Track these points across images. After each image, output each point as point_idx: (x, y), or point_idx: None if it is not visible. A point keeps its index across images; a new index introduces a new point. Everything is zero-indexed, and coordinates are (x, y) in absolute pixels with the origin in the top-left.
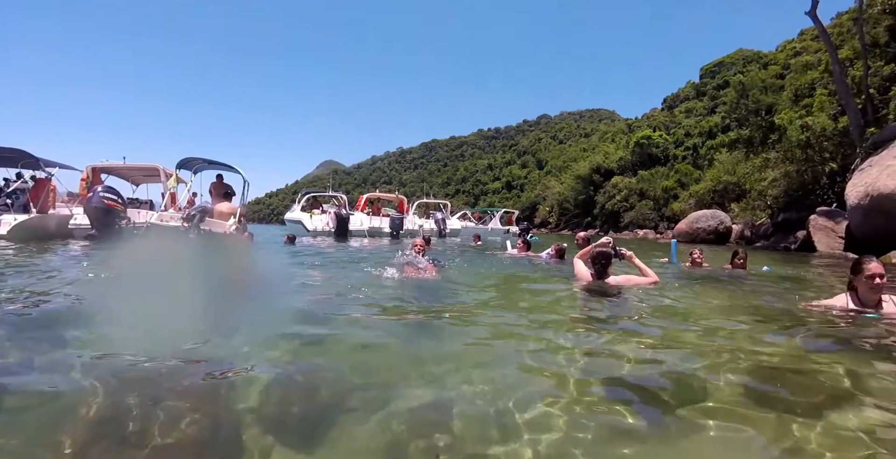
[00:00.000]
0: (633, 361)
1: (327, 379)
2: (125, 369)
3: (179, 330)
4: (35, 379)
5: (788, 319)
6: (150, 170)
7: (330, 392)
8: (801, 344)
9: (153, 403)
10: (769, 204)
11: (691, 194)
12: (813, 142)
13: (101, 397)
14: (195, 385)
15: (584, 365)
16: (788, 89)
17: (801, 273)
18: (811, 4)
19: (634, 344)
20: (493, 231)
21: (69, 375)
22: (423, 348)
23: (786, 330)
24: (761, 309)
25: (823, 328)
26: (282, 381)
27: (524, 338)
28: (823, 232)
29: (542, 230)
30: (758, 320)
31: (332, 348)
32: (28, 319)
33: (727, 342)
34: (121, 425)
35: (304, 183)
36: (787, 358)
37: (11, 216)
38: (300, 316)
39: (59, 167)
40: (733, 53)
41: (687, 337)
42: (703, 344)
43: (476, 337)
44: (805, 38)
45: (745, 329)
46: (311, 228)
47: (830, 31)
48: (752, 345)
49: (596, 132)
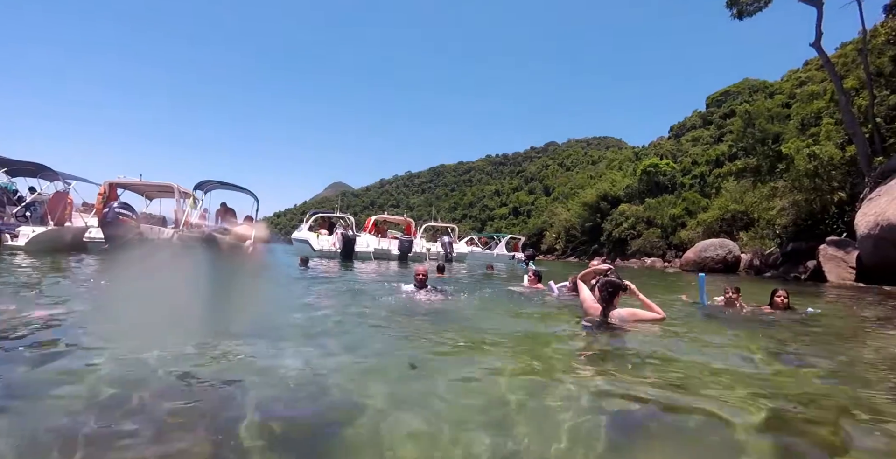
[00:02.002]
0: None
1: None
2: (135, 375)
3: (189, 338)
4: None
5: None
6: (165, 188)
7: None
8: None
9: (157, 409)
10: (778, 233)
11: (699, 222)
12: (821, 171)
13: (109, 400)
14: (198, 394)
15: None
16: (795, 118)
17: (853, 308)
18: (815, 36)
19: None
20: (499, 256)
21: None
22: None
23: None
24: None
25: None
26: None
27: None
28: (833, 261)
29: (548, 257)
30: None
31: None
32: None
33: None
34: (124, 432)
35: (313, 203)
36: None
37: (30, 228)
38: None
39: (78, 180)
40: (739, 83)
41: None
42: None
43: (465, 375)
44: (810, 67)
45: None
46: (318, 248)
47: (835, 60)
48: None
49: (603, 159)
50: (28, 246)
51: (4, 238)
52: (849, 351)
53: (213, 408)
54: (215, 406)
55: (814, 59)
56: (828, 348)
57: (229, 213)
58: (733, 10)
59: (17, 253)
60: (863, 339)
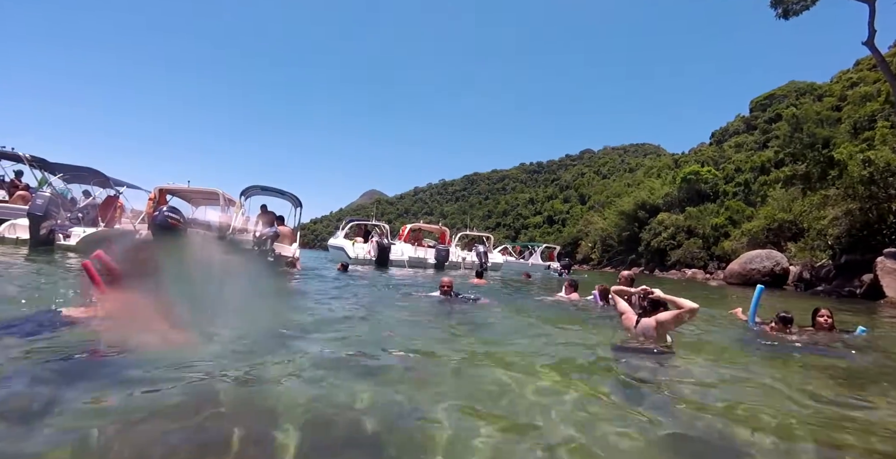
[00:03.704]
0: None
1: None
2: (159, 378)
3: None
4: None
5: None
6: (211, 194)
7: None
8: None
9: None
10: (830, 244)
11: (743, 232)
12: (877, 178)
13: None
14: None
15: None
16: (846, 122)
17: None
18: (868, 34)
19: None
20: (534, 266)
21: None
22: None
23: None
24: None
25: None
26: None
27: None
28: (892, 275)
29: (584, 267)
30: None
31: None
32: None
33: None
34: (150, 429)
35: (348, 210)
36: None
37: (81, 229)
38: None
39: (127, 186)
40: (785, 85)
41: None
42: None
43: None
44: (862, 67)
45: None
46: (353, 255)
47: (889, 59)
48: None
49: (640, 167)
50: (79, 246)
51: (58, 238)
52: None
53: (244, 409)
54: (246, 407)
55: (865, 58)
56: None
57: (269, 216)
58: (778, 9)
59: (69, 254)
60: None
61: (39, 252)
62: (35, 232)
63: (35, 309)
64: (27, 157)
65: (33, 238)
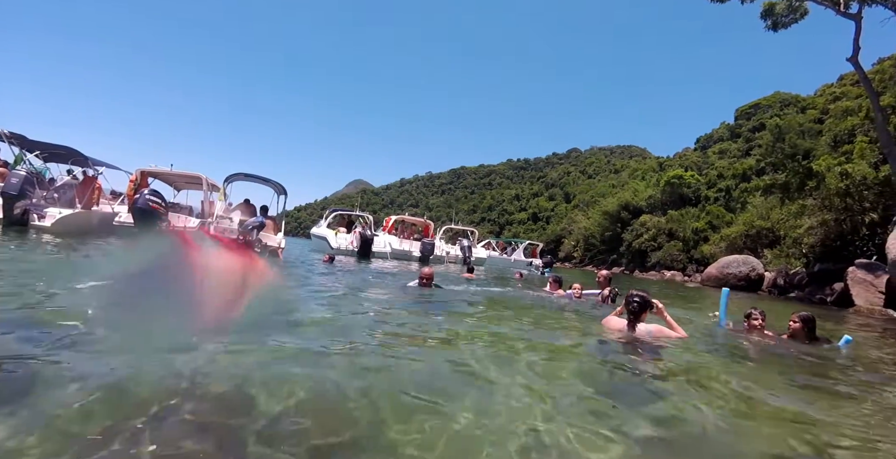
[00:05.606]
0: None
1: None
2: (142, 371)
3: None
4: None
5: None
6: (194, 178)
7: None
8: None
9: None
10: (805, 252)
11: (722, 237)
12: (853, 191)
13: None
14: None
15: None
16: (827, 135)
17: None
18: (853, 50)
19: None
20: (516, 262)
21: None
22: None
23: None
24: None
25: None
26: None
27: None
28: (862, 285)
29: (566, 264)
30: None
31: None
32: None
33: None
34: (136, 427)
35: (334, 200)
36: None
37: (57, 210)
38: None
39: (107, 167)
40: (770, 96)
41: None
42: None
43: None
44: (845, 82)
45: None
46: (335, 246)
47: (872, 76)
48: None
49: (626, 168)
50: (54, 227)
51: (32, 218)
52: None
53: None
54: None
55: (849, 73)
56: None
57: (250, 209)
58: (768, 21)
59: (43, 234)
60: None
61: (13, 232)
62: (9, 212)
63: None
64: (5, 133)
65: (7, 218)
